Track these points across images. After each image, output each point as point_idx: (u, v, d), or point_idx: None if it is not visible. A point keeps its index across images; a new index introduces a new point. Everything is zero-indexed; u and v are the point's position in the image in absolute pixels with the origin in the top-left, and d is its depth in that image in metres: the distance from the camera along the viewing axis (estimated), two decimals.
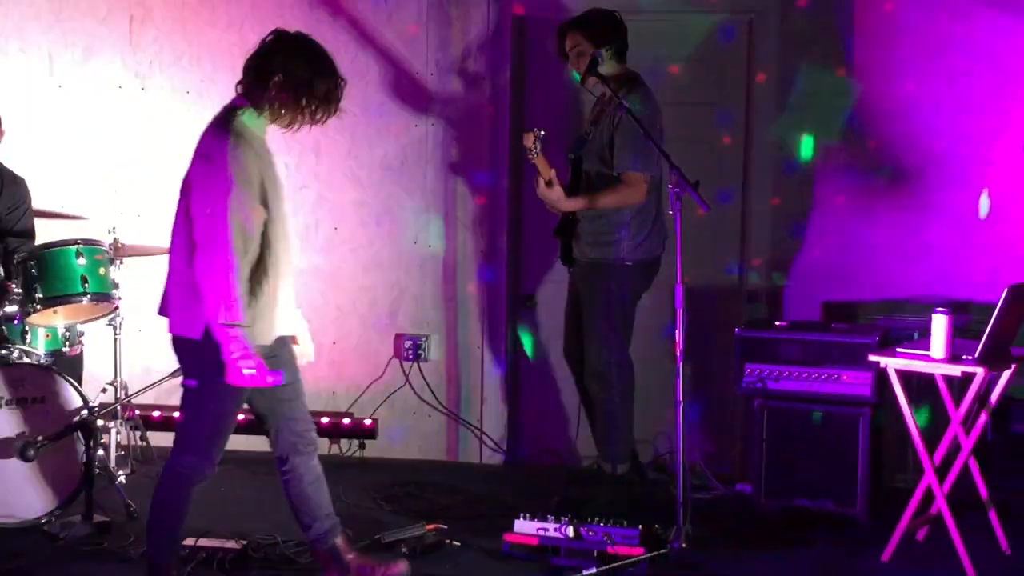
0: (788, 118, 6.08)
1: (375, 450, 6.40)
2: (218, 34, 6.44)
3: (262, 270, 4.14)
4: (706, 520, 5.20)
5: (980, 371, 4.76)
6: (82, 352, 5.74)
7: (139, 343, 6.48)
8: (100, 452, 5.41)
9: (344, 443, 6.43)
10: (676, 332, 4.84)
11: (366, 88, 6.30)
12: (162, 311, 4.27)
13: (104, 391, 5.82)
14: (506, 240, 6.38)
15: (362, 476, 6.07)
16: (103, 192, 6.49)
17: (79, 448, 5.19)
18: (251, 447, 6.36)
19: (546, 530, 4.90)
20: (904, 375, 4.95)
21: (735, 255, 6.26)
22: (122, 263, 5.65)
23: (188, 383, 4.23)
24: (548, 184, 5.39)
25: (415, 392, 6.38)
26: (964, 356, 4.78)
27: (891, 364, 4.94)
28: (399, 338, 6.34)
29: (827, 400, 5.48)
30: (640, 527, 4.84)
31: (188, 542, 4.85)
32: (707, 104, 6.24)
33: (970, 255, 5.98)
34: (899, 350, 5.00)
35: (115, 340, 5.76)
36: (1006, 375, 5.03)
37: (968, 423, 5.00)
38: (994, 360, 4.82)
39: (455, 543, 5.11)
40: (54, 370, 5.28)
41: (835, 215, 6.10)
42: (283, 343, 4.33)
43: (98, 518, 5.21)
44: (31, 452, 5.07)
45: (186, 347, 4.18)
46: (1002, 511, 5.14)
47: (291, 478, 4.41)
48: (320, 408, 6.31)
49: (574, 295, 5.74)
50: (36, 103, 6.53)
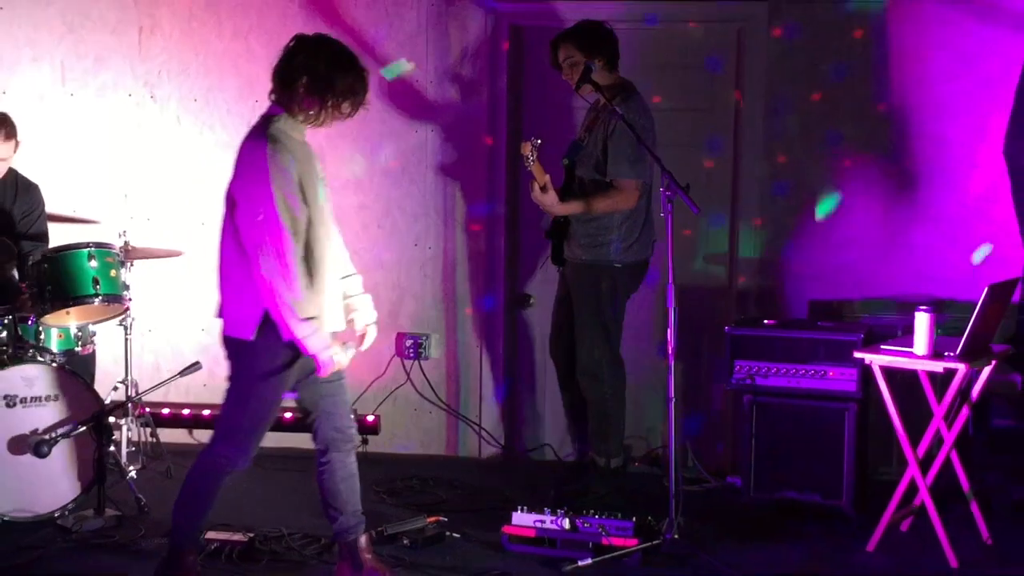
0: (776, 121, 6.09)
1: (378, 445, 6.41)
2: (224, 44, 6.45)
3: (308, 268, 4.18)
4: (698, 512, 5.21)
5: (961, 367, 4.78)
6: (94, 352, 5.75)
7: (149, 343, 6.50)
8: (112, 448, 5.41)
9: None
10: (668, 331, 4.85)
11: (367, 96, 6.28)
12: (219, 314, 4.32)
13: (115, 389, 5.83)
14: (504, 242, 6.39)
15: (365, 470, 5.94)
16: (114, 197, 6.49)
17: (92, 445, 5.21)
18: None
19: (543, 522, 4.92)
20: (888, 371, 4.97)
21: (725, 256, 6.27)
22: (132, 265, 5.67)
23: (233, 379, 4.28)
24: (543, 189, 5.40)
25: (416, 389, 6.39)
26: (946, 352, 4.80)
27: (875, 360, 4.96)
28: (400, 337, 6.35)
29: (814, 396, 5.49)
30: (634, 519, 4.86)
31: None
32: (697, 110, 6.25)
33: (951, 255, 5.99)
34: (883, 347, 5.02)
35: (126, 340, 5.77)
36: (986, 371, 5.05)
37: (950, 417, 5.02)
38: (975, 356, 4.84)
39: (455, 535, 5.13)
40: (67, 369, 5.28)
41: (822, 219, 6.10)
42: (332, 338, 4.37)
43: (110, 512, 5.23)
44: (45, 449, 5.08)
45: (236, 347, 4.24)
46: (983, 502, 5.16)
47: (326, 471, 4.43)
48: None
49: (563, 295, 5.75)
50: (49, 111, 6.54)
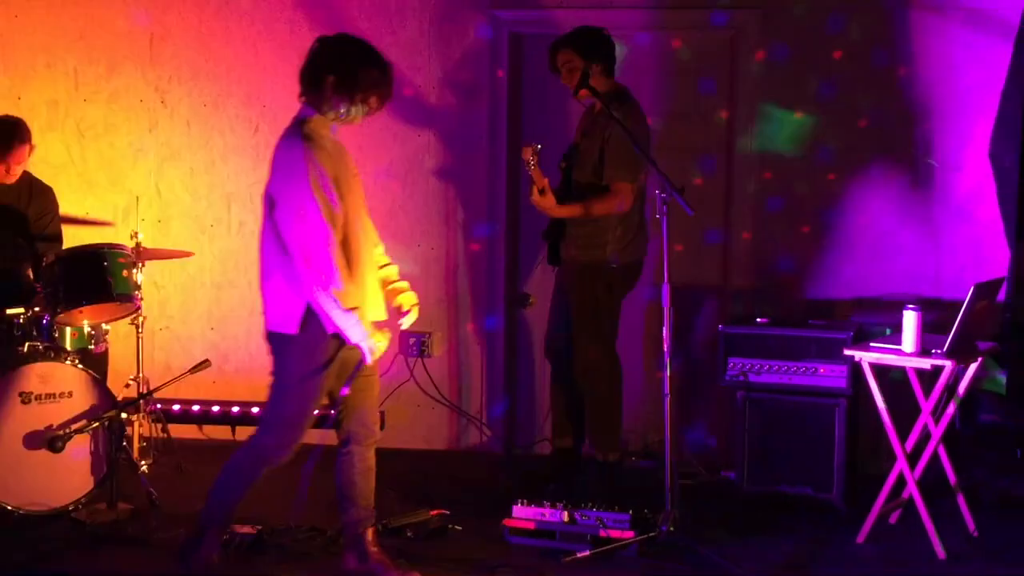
0: (770, 121, 6.12)
1: (382, 440, 6.33)
2: (233, 51, 6.48)
3: (347, 260, 4.20)
4: (692, 505, 5.21)
5: (948, 364, 4.79)
6: (107, 349, 5.75)
7: (160, 341, 6.53)
8: (124, 444, 5.43)
9: None
10: (664, 329, 4.86)
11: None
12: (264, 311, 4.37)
13: (127, 386, 5.84)
14: (504, 242, 6.41)
15: None
16: (126, 199, 6.52)
17: (105, 440, 5.24)
18: None
19: (543, 515, 4.93)
20: (877, 368, 4.99)
21: (719, 256, 6.30)
22: (144, 266, 5.69)
23: (277, 373, 4.32)
24: (541, 192, 5.43)
25: (419, 386, 6.39)
26: (933, 350, 4.81)
27: (865, 358, 4.98)
28: (404, 335, 6.35)
29: (805, 392, 5.50)
30: (631, 512, 4.88)
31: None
32: (692, 113, 6.28)
33: (938, 256, 6.02)
34: (872, 345, 5.03)
35: (137, 338, 5.78)
36: (973, 367, 5.06)
37: (937, 413, 5.04)
38: (962, 353, 4.85)
39: (457, 527, 5.14)
40: (81, 367, 5.30)
41: (813, 217, 6.14)
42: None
43: (123, 506, 5.25)
44: (59, 444, 5.11)
45: (280, 342, 4.28)
46: (970, 496, 5.17)
47: (344, 461, 4.46)
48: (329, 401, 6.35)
49: (559, 295, 5.77)
50: (63, 115, 6.57)
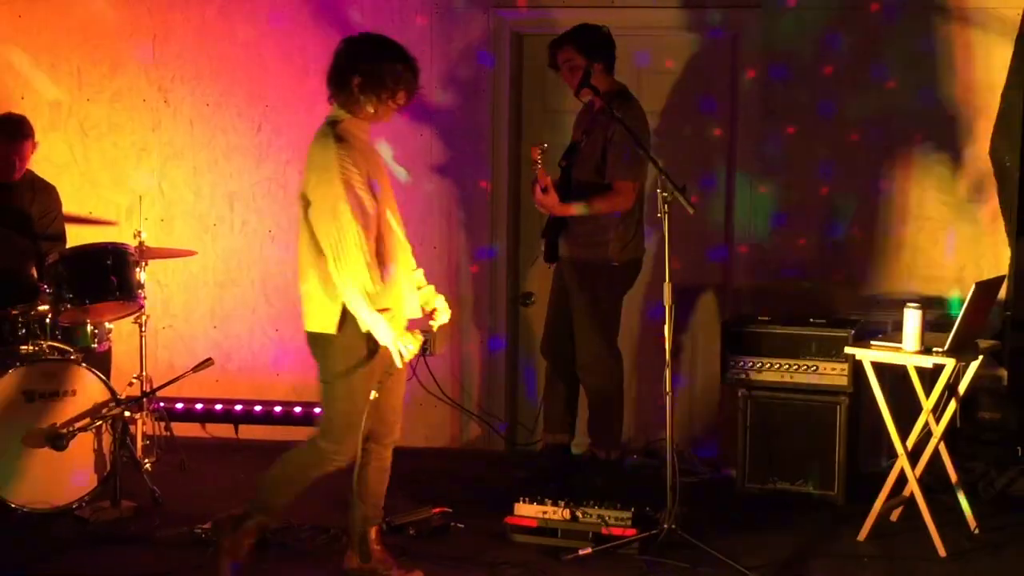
0: (770, 122, 6.08)
1: None
2: (236, 51, 6.44)
3: (380, 260, 4.21)
4: (694, 503, 5.19)
5: (949, 362, 4.77)
6: (110, 348, 5.74)
7: (163, 340, 6.49)
8: (127, 442, 5.40)
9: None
10: (666, 327, 4.83)
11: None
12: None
13: (131, 384, 5.81)
14: (506, 241, 6.37)
15: None
16: (129, 199, 6.48)
17: (108, 438, 5.22)
18: (270, 436, 6.39)
19: (545, 513, 4.91)
20: (878, 366, 4.96)
21: (721, 255, 6.26)
22: (147, 265, 5.66)
23: (322, 376, 4.30)
24: (544, 191, 5.39)
25: (422, 384, 6.37)
26: (934, 348, 4.79)
27: (866, 356, 4.95)
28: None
29: (806, 390, 5.49)
30: (632, 510, 4.86)
31: (209, 525, 4.86)
32: (694, 108, 6.23)
33: (939, 254, 5.97)
34: (873, 343, 5.01)
35: (141, 337, 5.76)
36: (974, 366, 5.05)
37: (938, 411, 5.01)
38: (962, 352, 4.83)
39: (459, 525, 5.12)
40: (84, 365, 5.27)
41: (815, 216, 6.09)
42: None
43: (126, 504, 5.22)
44: (63, 442, 5.08)
45: (319, 342, 4.26)
46: (970, 493, 5.15)
47: (361, 457, 4.41)
48: None
49: (558, 293, 5.73)
50: (66, 115, 6.54)
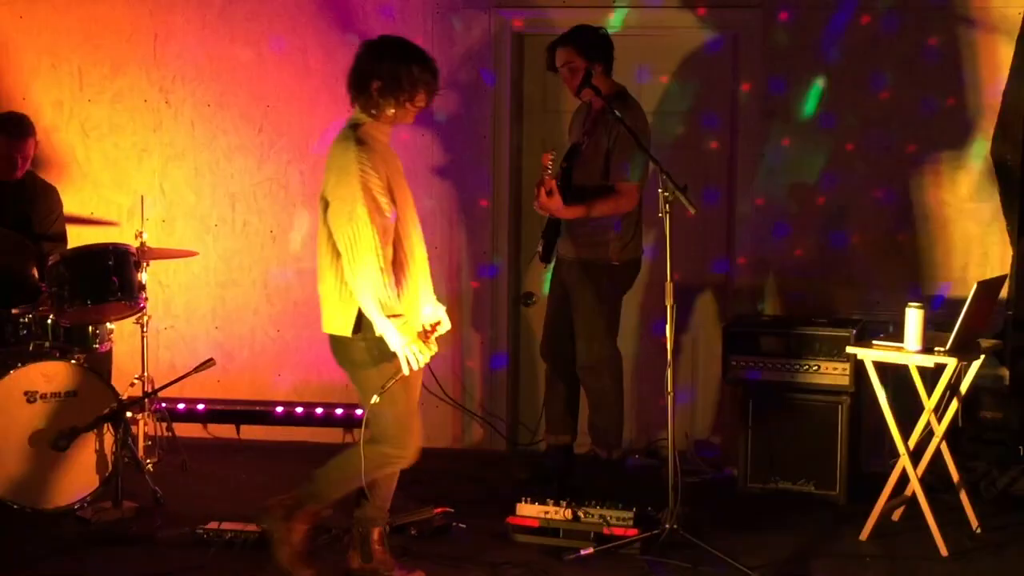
0: (770, 125, 6.05)
1: None
2: (237, 50, 6.41)
3: (397, 264, 4.20)
4: (696, 503, 5.17)
5: (951, 361, 4.75)
6: (111, 349, 5.73)
7: (165, 340, 6.47)
8: (129, 442, 5.38)
9: (357, 432, 6.39)
10: (667, 327, 4.81)
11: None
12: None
13: (132, 385, 5.80)
14: (507, 241, 6.35)
15: None
16: (131, 199, 6.46)
17: (109, 439, 5.20)
18: (271, 437, 6.38)
19: (547, 513, 4.89)
20: (880, 365, 4.94)
21: (722, 254, 6.23)
22: (148, 265, 5.64)
23: (352, 380, 4.31)
24: (549, 194, 5.37)
25: (423, 384, 6.34)
26: (936, 348, 4.77)
27: (868, 355, 4.94)
28: None
29: (808, 389, 5.48)
30: (634, 509, 4.84)
31: (212, 526, 4.86)
32: (694, 113, 6.21)
33: (941, 253, 5.95)
34: (875, 342, 4.99)
35: (142, 337, 5.74)
36: (976, 365, 5.03)
37: (940, 410, 4.99)
38: (964, 351, 4.82)
39: (461, 525, 5.10)
40: (86, 366, 5.25)
41: (816, 216, 6.07)
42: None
43: (127, 504, 5.21)
44: (64, 443, 5.07)
45: (338, 344, 4.27)
46: (972, 492, 5.15)
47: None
48: (335, 399, 6.30)
49: (557, 295, 5.70)
50: (67, 116, 6.51)
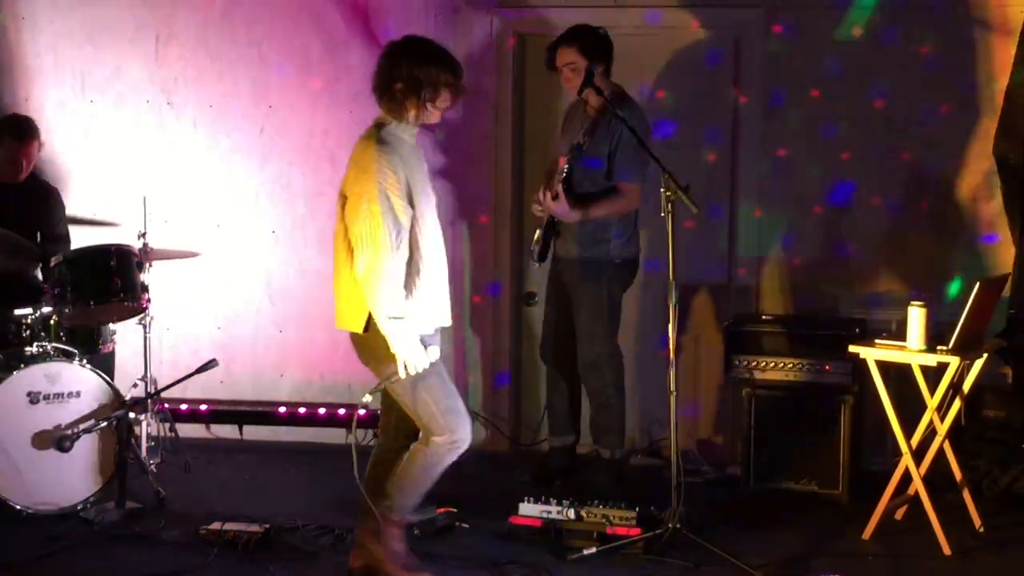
0: (771, 128, 6.04)
1: None
2: (239, 51, 6.40)
3: (413, 265, 4.19)
4: (698, 502, 5.16)
5: (954, 360, 4.75)
6: (114, 349, 5.73)
7: (167, 341, 6.46)
8: (132, 443, 5.37)
9: (360, 432, 6.37)
10: (669, 326, 4.80)
11: (376, 102, 6.24)
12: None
13: (135, 386, 5.78)
14: (509, 242, 6.33)
15: None
16: (133, 200, 6.43)
17: (112, 439, 5.19)
18: (274, 438, 6.37)
19: (549, 512, 4.88)
20: (882, 364, 4.93)
21: (724, 254, 6.21)
22: (151, 266, 5.63)
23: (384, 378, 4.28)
24: (555, 198, 5.36)
25: None
26: (939, 347, 4.76)
27: (870, 354, 4.93)
28: None
29: (810, 388, 5.46)
30: (637, 509, 4.83)
31: (215, 526, 4.85)
32: (696, 117, 6.19)
33: (942, 252, 5.93)
34: (878, 341, 4.99)
35: (145, 338, 5.73)
36: (978, 364, 5.03)
37: (943, 409, 4.98)
38: (967, 350, 4.81)
39: (464, 525, 5.09)
40: (88, 367, 5.25)
41: (818, 216, 6.06)
42: (438, 334, 4.34)
43: (130, 505, 5.20)
44: (67, 443, 5.07)
45: (360, 341, 4.28)
46: (975, 491, 5.14)
47: (396, 458, 4.44)
48: (337, 400, 6.30)
49: (557, 295, 5.68)
50: (70, 117, 6.50)
